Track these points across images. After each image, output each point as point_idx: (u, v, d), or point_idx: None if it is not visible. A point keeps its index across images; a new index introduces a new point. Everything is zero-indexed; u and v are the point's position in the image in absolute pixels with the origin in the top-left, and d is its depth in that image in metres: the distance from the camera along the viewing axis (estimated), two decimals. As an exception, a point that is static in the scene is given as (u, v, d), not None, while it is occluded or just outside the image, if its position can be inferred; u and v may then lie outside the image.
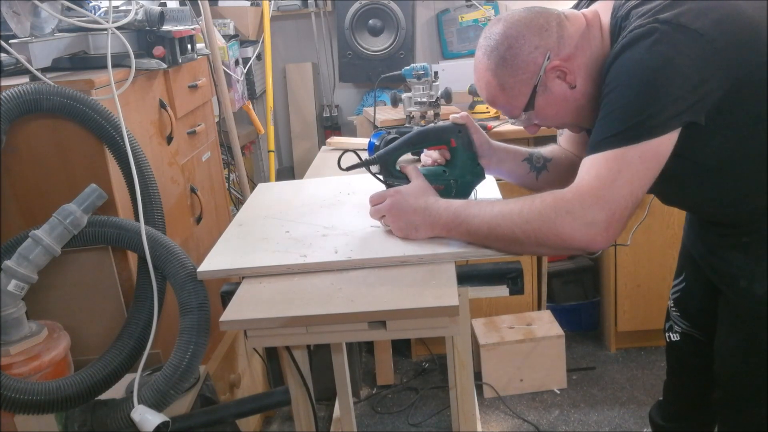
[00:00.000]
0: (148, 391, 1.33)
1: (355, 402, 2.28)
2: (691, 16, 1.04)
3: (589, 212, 1.06)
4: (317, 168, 2.04)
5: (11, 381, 1.23)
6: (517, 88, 1.20)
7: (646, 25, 1.06)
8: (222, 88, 2.47)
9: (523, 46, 1.17)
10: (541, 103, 1.21)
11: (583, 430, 2.28)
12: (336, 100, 3.31)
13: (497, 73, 1.20)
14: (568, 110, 1.23)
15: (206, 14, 2.39)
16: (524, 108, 1.22)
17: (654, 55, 1.04)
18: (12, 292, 1.30)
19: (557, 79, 1.19)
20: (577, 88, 1.20)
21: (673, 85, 1.04)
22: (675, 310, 1.58)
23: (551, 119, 1.27)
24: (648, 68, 1.04)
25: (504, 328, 2.51)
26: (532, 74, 1.18)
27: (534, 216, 1.10)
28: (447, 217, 1.21)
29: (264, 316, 1.12)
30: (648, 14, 1.09)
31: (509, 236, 1.13)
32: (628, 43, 1.07)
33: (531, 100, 1.21)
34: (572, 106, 1.22)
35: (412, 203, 1.25)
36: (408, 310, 1.09)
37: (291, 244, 1.33)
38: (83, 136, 1.47)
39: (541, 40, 1.17)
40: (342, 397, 1.95)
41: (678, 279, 1.55)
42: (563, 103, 1.22)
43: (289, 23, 3.23)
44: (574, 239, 1.08)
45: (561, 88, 1.20)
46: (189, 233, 1.91)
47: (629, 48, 1.07)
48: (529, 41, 1.17)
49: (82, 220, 1.38)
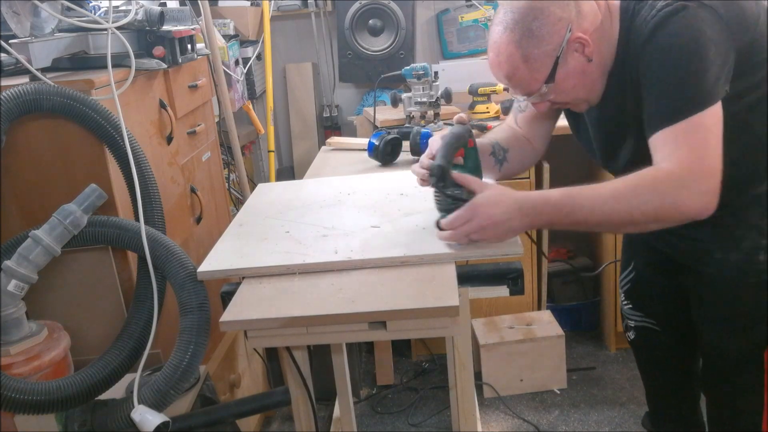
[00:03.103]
0: (148, 391, 1.33)
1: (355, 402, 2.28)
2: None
3: (702, 183, 1.10)
4: (317, 168, 2.04)
5: (11, 381, 1.23)
6: (540, 60, 1.22)
7: (673, 3, 1.13)
8: (222, 88, 2.47)
9: (549, 17, 1.20)
10: (562, 76, 1.24)
11: (583, 430, 2.28)
12: (336, 100, 3.30)
13: (522, 44, 1.22)
14: (584, 83, 1.27)
15: (206, 14, 2.39)
16: (546, 80, 1.24)
17: (692, 30, 1.12)
18: (12, 292, 1.30)
19: (575, 52, 1.23)
20: (593, 61, 1.24)
21: (712, 55, 1.12)
22: (627, 302, 1.61)
23: (568, 93, 1.29)
24: (691, 40, 1.12)
25: (504, 328, 2.51)
26: (555, 46, 1.21)
27: (651, 195, 1.12)
28: (549, 211, 1.18)
29: (264, 316, 1.12)
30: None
31: (626, 218, 1.14)
32: (660, 22, 1.14)
33: (553, 72, 1.23)
34: (589, 79, 1.26)
35: (503, 210, 1.18)
36: (408, 310, 1.09)
37: (291, 245, 1.33)
38: (83, 136, 1.47)
39: (563, 12, 1.21)
40: (342, 397, 1.95)
41: (626, 270, 1.58)
42: (581, 76, 1.25)
43: (289, 23, 3.23)
44: (692, 210, 1.12)
45: (579, 61, 1.23)
46: (189, 233, 1.91)
47: (663, 26, 1.14)
48: (553, 13, 1.21)
49: (82, 220, 1.38)
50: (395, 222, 1.40)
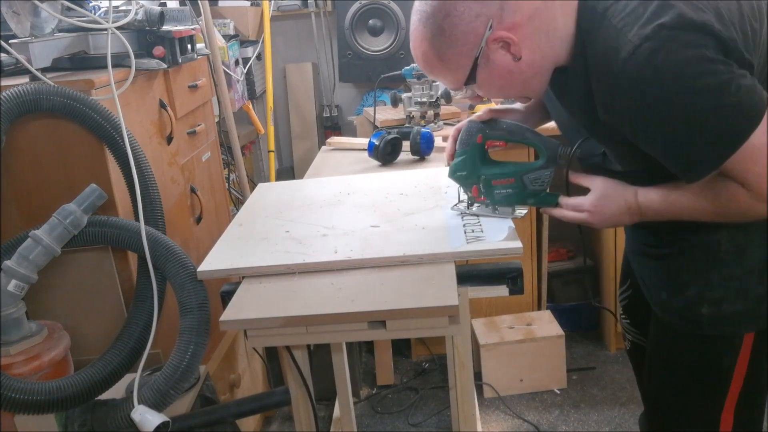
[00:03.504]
0: (148, 391, 1.33)
1: (355, 402, 2.28)
2: (692, 10, 0.98)
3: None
4: (317, 168, 2.04)
5: (11, 381, 1.23)
6: (456, 61, 1.10)
7: (653, 38, 0.96)
8: (222, 88, 2.47)
9: (463, 14, 1.06)
10: (484, 76, 1.12)
11: (583, 430, 2.28)
12: (336, 100, 3.31)
13: (434, 43, 1.09)
14: (513, 82, 1.14)
15: (206, 14, 2.39)
16: (465, 82, 1.13)
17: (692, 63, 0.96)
18: (12, 292, 1.30)
19: (500, 50, 1.08)
20: (522, 59, 1.09)
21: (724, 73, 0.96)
22: (624, 317, 1.55)
23: (495, 92, 1.19)
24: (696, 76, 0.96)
25: (504, 328, 2.51)
26: (472, 45, 1.08)
27: (743, 216, 1.06)
28: (652, 215, 1.15)
29: (264, 315, 1.12)
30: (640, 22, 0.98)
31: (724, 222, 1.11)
32: (646, 61, 0.96)
33: (472, 73, 1.11)
34: (518, 78, 1.12)
35: (615, 209, 1.17)
36: (408, 309, 1.09)
37: (291, 244, 1.33)
38: (83, 136, 1.47)
39: (482, 7, 1.05)
40: (342, 397, 1.95)
41: (624, 286, 1.52)
42: (508, 76, 1.12)
43: (289, 23, 3.23)
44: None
45: (505, 60, 1.09)
46: (189, 233, 1.91)
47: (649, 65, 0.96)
48: (469, 8, 1.05)
49: (82, 220, 1.38)
50: (395, 222, 1.40)
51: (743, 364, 1.17)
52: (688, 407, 1.25)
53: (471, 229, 1.31)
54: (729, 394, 1.19)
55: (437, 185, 1.61)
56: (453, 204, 1.44)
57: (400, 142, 1.99)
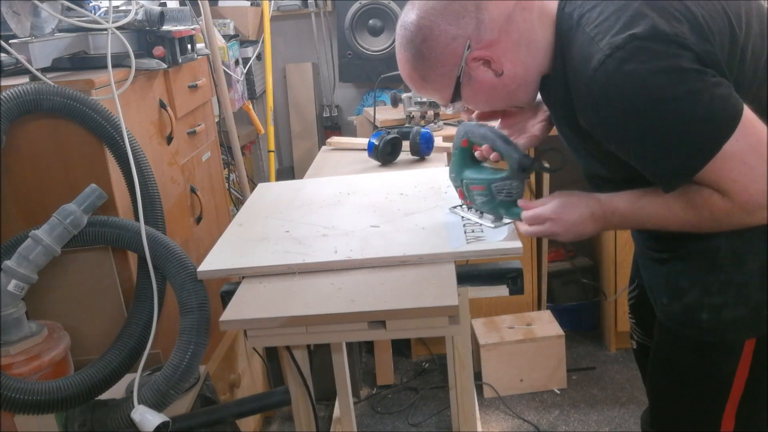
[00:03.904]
0: (148, 391, 1.33)
1: (355, 402, 2.28)
2: (665, 22, 0.97)
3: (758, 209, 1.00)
4: (317, 168, 2.04)
5: (11, 381, 1.23)
6: (439, 81, 1.13)
7: (624, 47, 0.96)
8: (222, 88, 2.47)
9: (439, 38, 1.08)
10: (468, 93, 1.14)
11: (583, 430, 2.28)
12: (336, 100, 3.30)
13: (416, 66, 1.12)
14: (498, 96, 1.16)
15: (206, 14, 2.39)
16: (451, 99, 1.15)
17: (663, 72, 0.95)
18: (12, 292, 1.30)
19: (482, 68, 1.10)
20: (504, 74, 1.11)
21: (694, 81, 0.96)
22: (631, 317, 1.55)
23: (482, 106, 1.21)
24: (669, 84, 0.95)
25: (504, 328, 2.51)
26: (453, 66, 1.10)
27: (715, 224, 1.05)
28: (617, 221, 1.14)
29: (264, 315, 1.12)
30: (613, 31, 0.98)
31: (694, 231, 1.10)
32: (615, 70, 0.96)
33: (457, 91, 1.13)
34: (502, 92, 1.14)
35: (578, 215, 1.15)
36: (408, 309, 1.09)
37: (291, 244, 1.33)
38: (83, 136, 1.47)
39: (458, 29, 1.07)
40: (342, 397, 1.96)
41: (632, 286, 1.52)
42: (492, 91, 1.14)
43: (289, 23, 3.23)
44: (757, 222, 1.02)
45: (487, 76, 1.11)
46: (189, 233, 1.91)
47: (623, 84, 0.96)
48: (444, 32, 1.07)
49: (82, 220, 1.38)
50: (395, 222, 1.40)
51: (744, 371, 1.16)
52: (688, 412, 1.25)
53: (471, 229, 1.31)
54: (729, 400, 1.19)
55: (437, 185, 1.61)
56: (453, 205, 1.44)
57: (400, 142, 1.99)
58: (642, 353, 1.53)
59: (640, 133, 1.00)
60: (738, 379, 1.17)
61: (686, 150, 0.99)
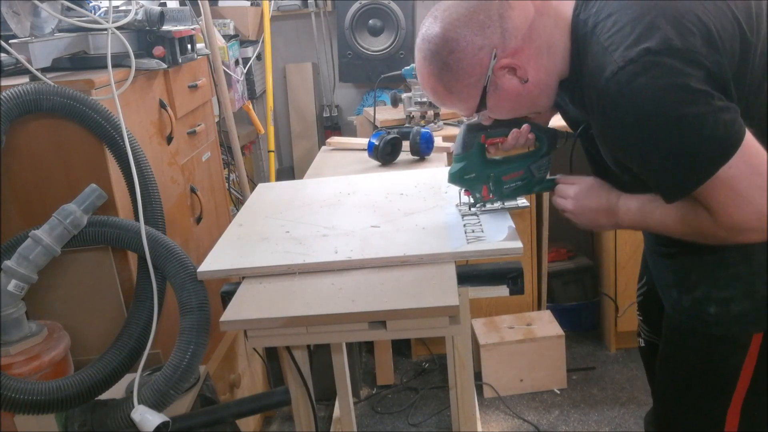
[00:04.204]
0: (148, 391, 1.33)
1: (355, 402, 2.28)
2: (678, 36, 0.98)
3: (752, 234, 1.02)
4: (317, 168, 2.04)
5: (11, 381, 1.23)
6: (465, 92, 1.14)
7: (637, 60, 0.97)
8: (222, 88, 2.47)
9: (466, 49, 1.09)
10: (494, 102, 1.16)
11: (583, 430, 2.28)
12: (336, 100, 3.30)
13: (442, 78, 1.13)
14: (522, 103, 1.18)
15: (206, 14, 2.39)
16: (476, 109, 1.17)
17: (670, 90, 0.96)
18: (12, 292, 1.30)
19: (507, 75, 1.12)
20: (529, 80, 1.13)
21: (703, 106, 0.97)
22: (639, 314, 1.56)
23: (507, 113, 1.22)
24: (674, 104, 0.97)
25: (504, 328, 2.51)
26: (480, 76, 1.11)
27: (712, 239, 1.07)
28: (628, 221, 1.18)
29: (264, 316, 1.12)
30: (626, 43, 0.99)
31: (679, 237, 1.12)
32: (627, 83, 0.98)
33: (482, 100, 1.15)
34: (527, 99, 1.16)
35: (596, 205, 1.22)
36: (408, 310, 1.09)
37: (291, 244, 1.33)
38: (83, 136, 1.47)
39: (484, 39, 1.08)
40: (342, 397, 1.95)
41: (640, 282, 1.53)
42: (517, 98, 1.16)
43: (289, 23, 3.23)
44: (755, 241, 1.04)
45: (513, 84, 1.13)
46: (189, 233, 1.91)
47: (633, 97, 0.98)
48: (471, 42, 1.09)
49: (82, 220, 1.38)
50: (395, 222, 1.40)
51: (750, 365, 1.17)
52: (693, 406, 1.26)
53: (471, 229, 1.31)
54: (735, 394, 1.20)
55: (437, 185, 1.61)
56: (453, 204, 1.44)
57: (400, 142, 1.99)
58: (649, 351, 1.54)
59: (645, 145, 1.02)
60: (744, 373, 1.18)
61: (685, 168, 1.01)
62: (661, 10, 1.00)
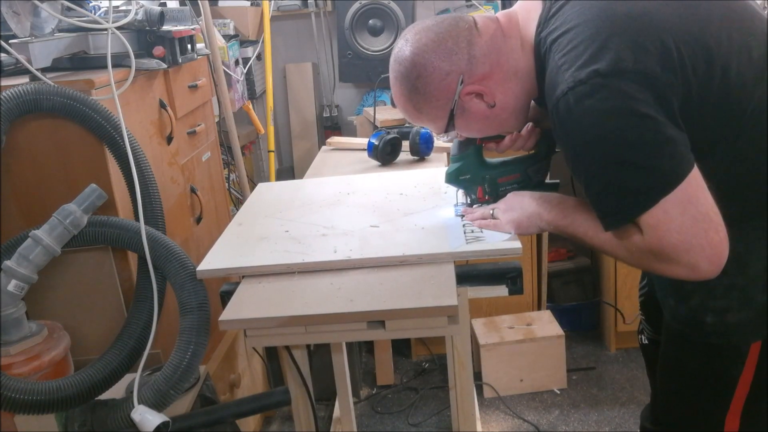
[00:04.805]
0: (148, 391, 1.33)
1: (355, 402, 2.28)
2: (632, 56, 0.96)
3: (685, 259, 0.99)
4: (317, 168, 2.04)
5: (11, 381, 1.23)
6: (433, 113, 1.17)
7: (586, 81, 0.96)
8: (222, 88, 2.47)
9: (433, 75, 1.12)
10: (462, 124, 1.19)
11: (583, 430, 2.28)
12: (336, 100, 3.31)
13: (411, 99, 1.17)
14: (491, 125, 1.21)
15: (206, 14, 2.39)
16: (445, 129, 1.20)
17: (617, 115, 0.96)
18: (12, 292, 1.30)
19: (474, 100, 1.15)
20: (496, 104, 1.16)
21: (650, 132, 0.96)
22: (641, 313, 1.56)
23: (476, 134, 1.26)
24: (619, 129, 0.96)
25: (504, 328, 2.51)
26: (447, 100, 1.14)
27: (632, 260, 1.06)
28: (552, 228, 1.19)
29: (263, 315, 1.12)
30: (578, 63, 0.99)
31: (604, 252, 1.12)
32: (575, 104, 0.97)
33: (450, 122, 1.18)
34: (495, 122, 1.19)
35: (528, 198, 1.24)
36: (407, 309, 1.09)
37: (291, 244, 1.33)
38: (83, 136, 1.47)
39: (451, 65, 1.11)
40: (342, 397, 1.96)
41: (642, 282, 1.53)
42: (485, 121, 1.19)
43: (289, 23, 3.23)
44: (680, 277, 1.02)
45: (480, 108, 1.16)
46: (189, 233, 1.91)
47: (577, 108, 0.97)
48: (438, 68, 1.11)
49: (82, 220, 1.38)
50: (394, 222, 1.40)
51: (749, 373, 1.16)
52: (692, 412, 1.26)
53: (470, 229, 1.31)
54: (733, 402, 1.19)
55: (437, 185, 1.61)
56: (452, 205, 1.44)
57: (400, 142, 1.99)
58: (651, 349, 1.55)
59: (588, 169, 1.02)
60: (743, 381, 1.17)
61: (626, 195, 1.00)
62: (620, 27, 0.99)
